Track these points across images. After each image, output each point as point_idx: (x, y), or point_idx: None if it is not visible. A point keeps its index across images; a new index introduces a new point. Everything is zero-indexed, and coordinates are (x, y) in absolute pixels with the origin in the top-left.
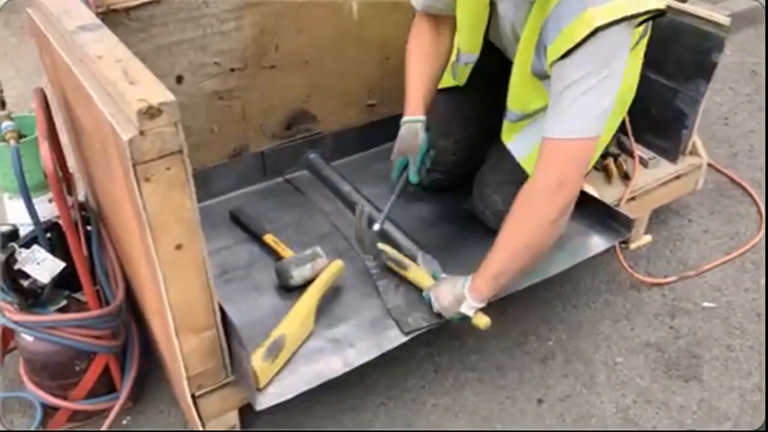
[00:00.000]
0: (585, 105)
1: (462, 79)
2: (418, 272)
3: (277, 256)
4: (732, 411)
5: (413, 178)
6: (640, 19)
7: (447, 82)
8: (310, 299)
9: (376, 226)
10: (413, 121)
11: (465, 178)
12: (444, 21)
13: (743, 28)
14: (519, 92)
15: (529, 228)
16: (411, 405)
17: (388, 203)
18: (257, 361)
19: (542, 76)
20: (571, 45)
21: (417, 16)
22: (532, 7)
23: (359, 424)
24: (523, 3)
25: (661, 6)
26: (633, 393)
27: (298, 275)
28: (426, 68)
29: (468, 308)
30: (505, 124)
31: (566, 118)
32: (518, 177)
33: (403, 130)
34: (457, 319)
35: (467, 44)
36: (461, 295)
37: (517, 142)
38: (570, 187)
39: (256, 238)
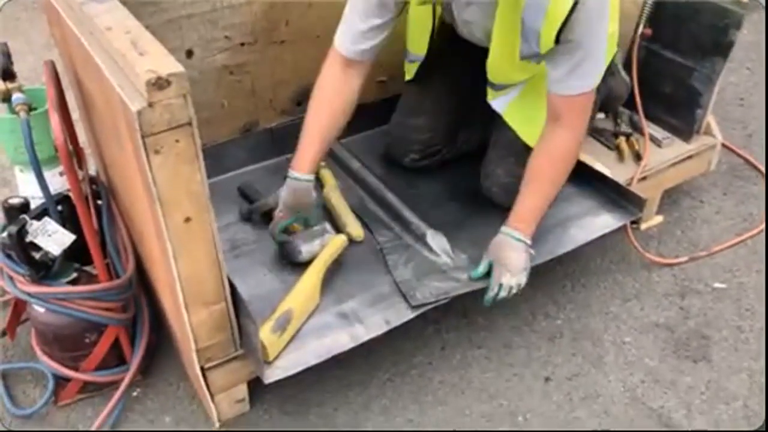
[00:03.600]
0: (590, 65)
1: (411, 74)
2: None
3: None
4: (740, 392)
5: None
6: None
7: (408, 76)
8: (314, 273)
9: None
10: (305, 180)
11: (450, 162)
12: (357, 66)
13: (761, 8)
14: (502, 70)
15: (556, 169)
16: (418, 381)
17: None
18: (266, 334)
19: (532, 57)
20: (559, 24)
21: (332, 53)
22: (497, 5)
23: (366, 399)
24: (488, 4)
25: None
26: (641, 372)
27: (307, 251)
28: (325, 120)
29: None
30: (489, 90)
31: (578, 77)
32: (515, 149)
33: (295, 186)
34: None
35: (415, 47)
36: (522, 247)
37: (499, 100)
38: (583, 132)
39: (266, 213)
